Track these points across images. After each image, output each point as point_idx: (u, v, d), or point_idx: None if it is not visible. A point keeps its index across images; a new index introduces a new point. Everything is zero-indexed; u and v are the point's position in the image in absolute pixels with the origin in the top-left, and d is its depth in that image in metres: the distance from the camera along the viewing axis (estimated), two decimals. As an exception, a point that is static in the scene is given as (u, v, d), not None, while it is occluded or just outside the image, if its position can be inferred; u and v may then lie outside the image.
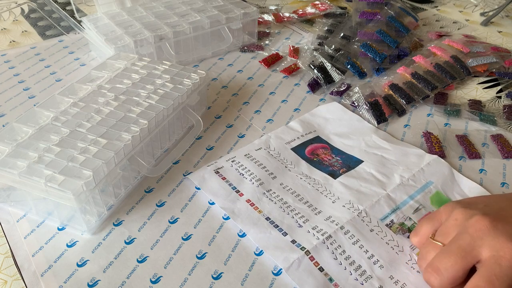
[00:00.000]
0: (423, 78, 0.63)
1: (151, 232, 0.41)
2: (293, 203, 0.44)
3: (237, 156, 0.49)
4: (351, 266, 0.38)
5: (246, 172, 0.47)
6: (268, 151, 0.51)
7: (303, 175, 0.48)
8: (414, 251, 0.40)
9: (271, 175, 0.47)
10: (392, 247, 0.40)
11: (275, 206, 0.43)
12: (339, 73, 0.65)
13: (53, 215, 0.42)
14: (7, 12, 0.89)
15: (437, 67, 0.65)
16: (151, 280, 0.37)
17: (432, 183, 0.47)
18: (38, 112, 0.45)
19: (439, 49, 0.70)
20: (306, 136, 0.53)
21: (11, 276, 0.37)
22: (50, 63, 0.69)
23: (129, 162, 0.43)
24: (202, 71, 0.54)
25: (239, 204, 0.44)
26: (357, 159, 0.50)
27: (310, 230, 0.41)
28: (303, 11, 0.88)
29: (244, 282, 0.37)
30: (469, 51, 0.70)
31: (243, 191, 0.45)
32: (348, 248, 0.39)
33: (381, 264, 0.38)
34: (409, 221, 0.42)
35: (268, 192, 0.45)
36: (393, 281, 0.37)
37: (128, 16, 0.68)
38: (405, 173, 0.47)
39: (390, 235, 0.41)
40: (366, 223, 0.42)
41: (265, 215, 0.42)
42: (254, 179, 0.46)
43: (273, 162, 0.49)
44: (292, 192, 0.45)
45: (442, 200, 0.45)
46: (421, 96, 0.61)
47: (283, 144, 0.52)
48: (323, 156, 0.50)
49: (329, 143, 0.53)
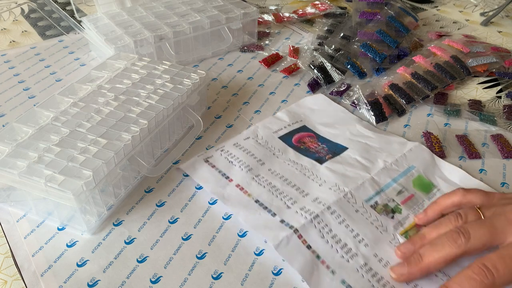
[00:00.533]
0: (423, 78, 0.63)
1: (151, 232, 0.41)
2: (281, 186, 0.45)
3: (226, 146, 0.51)
4: (337, 244, 0.40)
5: (235, 159, 0.49)
6: (256, 140, 0.52)
7: (290, 161, 0.49)
8: (397, 231, 0.41)
9: (259, 162, 0.49)
10: (376, 227, 0.42)
11: (264, 190, 0.45)
12: (339, 73, 0.65)
13: (53, 215, 0.42)
14: (7, 12, 0.89)
15: (437, 67, 0.65)
16: (151, 280, 0.37)
17: (414, 167, 0.48)
18: (38, 112, 0.45)
19: (439, 49, 0.70)
20: (293, 126, 0.55)
21: (11, 276, 0.37)
22: (50, 63, 0.69)
23: (129, 162, 0.43)
24: (202, 71, 0.54)
25: (228, 189, 0.45)
26: (342, 146, 0.52)
27: (298, 210, 0.42)
28: (303, 11, 0.88)
29: (244, 282, 0.37)
30: (469, 51, 0.70)
31: (233, 177, 0.46)
32: (335, 227, 0.41)
33: (366, 242, 0.40)
34: (393, 202, 0.44)
35: (257, 177, 0.46)
36: (377, 259, 0.39)
37: (128, 16, 0.68)
38: (388, 158, 0.49)
39: (374, 216, 0.43)
40: (352, 204, 0.43)
41: (254, 198, 0.44)
42: (243, 166, 0.48)
43: (261, 150, 0.50)
44: (280, 177, 0.47)
45: (423, 183, 0.47)
46: (421, 96, 0.61)
47: (271, 133, 0.53)
48: (309, 144, 0.52)
49: (315, 132, 0.54)
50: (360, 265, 0.38)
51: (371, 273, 0.37)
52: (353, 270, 0.37)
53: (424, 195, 0.46)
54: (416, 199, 0.45)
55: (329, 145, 0.52)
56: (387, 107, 0.59)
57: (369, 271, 0.38)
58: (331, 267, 0.37)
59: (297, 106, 0.59)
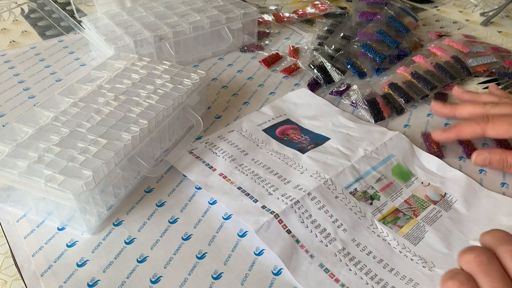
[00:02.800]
0: (422, 77, 0.63)
1: (151, 232, 0.41)
2: (263, 174, 0.46)
3: (210, 138, 0.52)
4: (316, 229, 0.41)
5: (219, 151, 0.50)
6: (240, 132, 0.53)
7: (273, 151, 0.50)
8: (375, 217, 0.43)
9: (243, 152, 0.50)
10: (355, 212, 0.43)
11: (246, 178, 0.46)
12: (339, 73, 0.65)
13: (53, 215, 0.42)
14: (7, 12, 0.89)
15: (437, 67, 0.65)
16: (151, 280, 0.37)
17: (394, 156, 0.50)
18: (38, 112, 0.45)
19: (439, 49, 0.70)
20: (276, 119, 0.56)
21: (11, 276, 0.37)
22: (50, 63, 0.69)
23: (129, 162, 0.43)
24: (202, 71, 0.54)
25: (212, 177, 0.46)
26: (324, 137, 0.53)
27: (279, 197, 0.43)
28: (303, 11, 0.88)
29: (244, 282, 0.37)
30: (469, 51, 0.70)
31: (216, 167, 0.47)
32: (315, 212, 0.42)
33: (345, 228, 0.41)
34: (371, 189, 0.46)
35: (240, 166, 0.47)
36: (355, 244, 0.40)
37: (128, 16, 0.68)
38: (369, 147, 0.50)
39: (353, 202, 0.44)
40: (332, 190, 0.44)
41: (237, 185, 0.45)
42: (227, 156, 0.49)
43: (245, 142, 0.51)
44: (263, 166, 0.48)
45: (402, 172, 0.48)
46: (420, 95, 0.61)
47: (255, 126, 0.54)
48: (292, 135, 0.53)
49: (299, 124, 0.56)
50: (339, 249, 0.39)
51: (348, 257, 0.39)
52: (331, 254, 0.39)
53: (402, 183, 0.47)
54: (394, 187, 0.46)
55: (312, 136, 0.53)
56: (385, 106, 0.59)
57: (347, 255, 0.39)
58: (310, 251, 0.39)
59: (281, 101, 0.60)
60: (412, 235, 0.41)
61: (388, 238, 0.41)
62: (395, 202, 0.45)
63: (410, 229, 0.42)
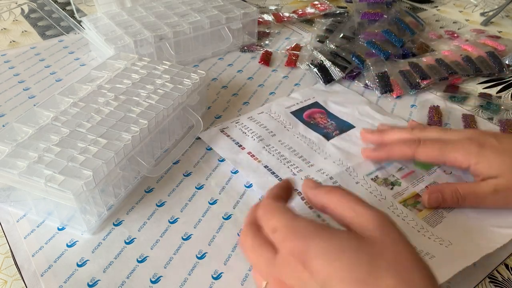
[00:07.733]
0: (446, 64, 0.64)
1: (151, 232, 0.41)
2: (289, 156, 0.49)
3: (240, 119, 0.55)
4: None
5: (249, 131, 0.53)
6: (269, 114, 0.56)
7: (300, 135, 0.53)
8: (396, 199, 0.44)
9: (271, 133, 0.52)
10: (375, 195, 0.44)
11: (273, 158, 0.48)
12: (339, 71, 0.65)
13: (53, 215, 0.42)
14: (7, 12, 0.89)
15: (466, 59, 0.66)
16: (151, 280, 0.37)
17: None
18: (38, 112, 0.45)
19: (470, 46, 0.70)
20: (305, 102, 0.59)
21: (11, 276, 0.37)
22: (50, 63, 0.69)
23: (129, 162, 0.43)
24: (202, 71, 0.54)
25: (241, 155, 0.49)
26: (349, 124, 0.55)
27: (302, 178, 0.45)
28: (303, 11, 0.88)
29: (244, 282, 0.37)
30: (504, 49, 0.70)
31: (245, 146, 0.50)
32: None
33: None
34: (393, 177, 0.47)
35: (267, 147, 0.50)
36: None
37: (128, 16, 0.68)
38: None
39: (374, 187, 0.45)
40: (353, 177, 0.46)
41: (263, 164, 0.48)
42: (255, 136, 0.52)
43: (273, 123, 0.54)
44: (289, 148, 0.50)
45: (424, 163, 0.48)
46: (438, 77, 0.62)
47: (283, 108, 0.57)
48: (319, 119, 0.55)
49: (326, 108, 0.58)
50: None
51: None
52: None
53: (424, 171, 0.47)
54: (416, 174, 0.47)
55: (338, 121, 0.55)
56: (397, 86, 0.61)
57: None
58: None
59: (310, 89, 0.63)
60: (431, 218, 0.42)
61: (407, 219, 0.41)
62: (416, 188, 0.45)
63: (429, 213, 0.42)
